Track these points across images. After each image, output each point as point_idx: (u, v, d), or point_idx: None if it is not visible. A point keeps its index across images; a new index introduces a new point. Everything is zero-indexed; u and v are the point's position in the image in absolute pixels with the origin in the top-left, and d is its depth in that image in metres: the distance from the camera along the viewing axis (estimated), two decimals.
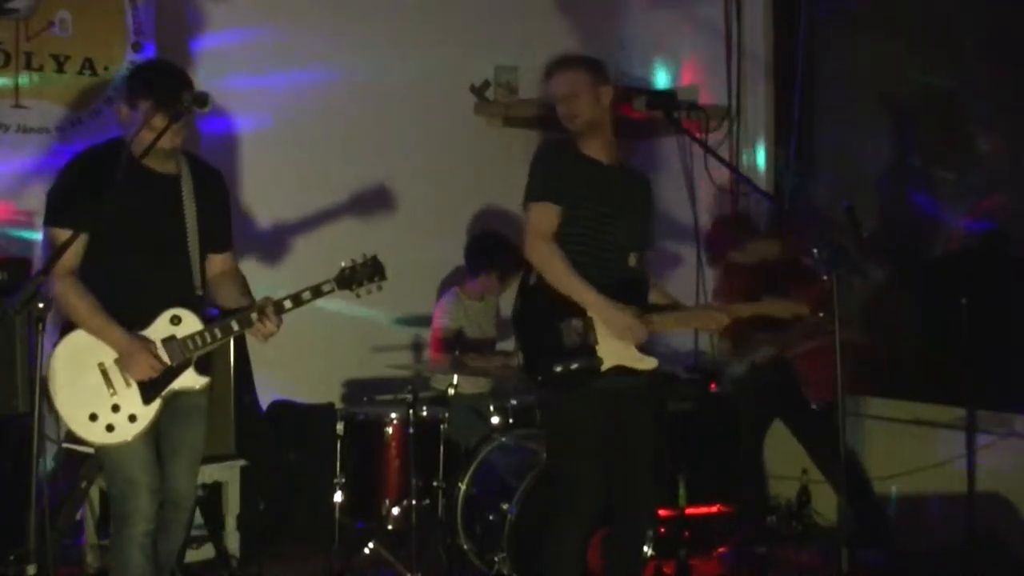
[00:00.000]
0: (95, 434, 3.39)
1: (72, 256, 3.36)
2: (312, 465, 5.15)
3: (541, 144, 3.92)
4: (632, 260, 3.84)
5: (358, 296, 3.63)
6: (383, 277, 3.65)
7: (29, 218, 4.93)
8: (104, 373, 3.39)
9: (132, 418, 3.40)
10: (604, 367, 3.69)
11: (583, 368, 3.67)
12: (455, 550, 4.75)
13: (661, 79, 6.39)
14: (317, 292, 3.55)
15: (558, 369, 3.66)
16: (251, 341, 4.87)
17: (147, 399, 3.42)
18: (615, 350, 3.70)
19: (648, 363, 3.77)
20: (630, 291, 3.78)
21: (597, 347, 3.69)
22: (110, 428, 3.38)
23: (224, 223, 3.71)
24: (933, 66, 5.52)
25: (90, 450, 3.52)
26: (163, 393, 3.44)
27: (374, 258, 3.65)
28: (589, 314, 3.69)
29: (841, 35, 5.91)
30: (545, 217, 3.72)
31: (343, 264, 3.61)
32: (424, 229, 6.02)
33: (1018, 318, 5.10)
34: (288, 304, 3.52)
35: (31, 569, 3.10)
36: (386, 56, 6.05)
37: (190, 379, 3.49)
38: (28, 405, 4.33)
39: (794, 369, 5.05)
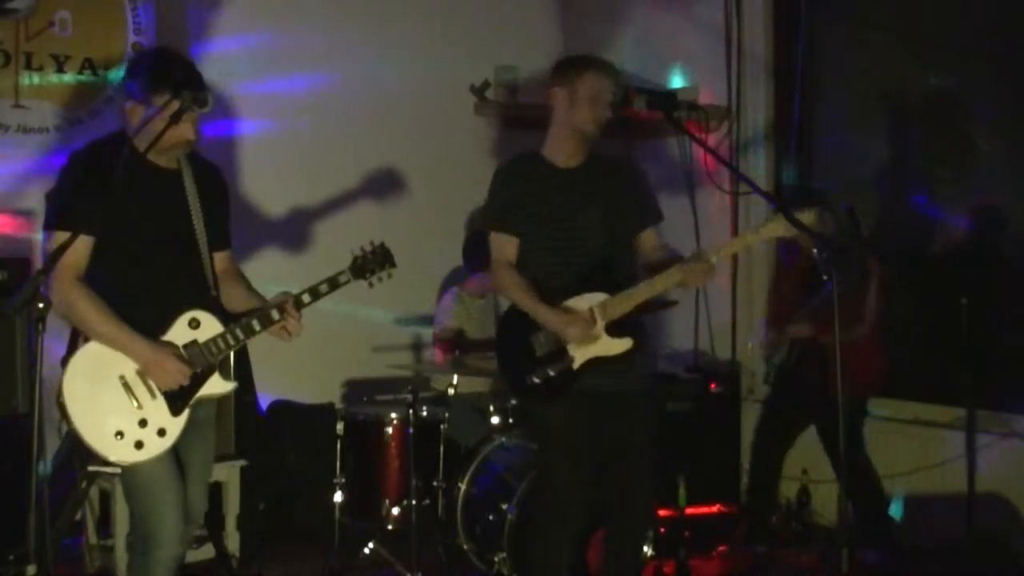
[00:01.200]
0: (123, 453, 3.16)
1: (78, 261, 3.16)
2: (312, 465, 5.15)
3: (499, 166, 4.04)
4: (610, 249, 3.84)
5: (371, 285, 3.56)
6: (393, 264, 3.59)
7: (29, 218, 4.93)
8: (126, 386, 3.18)
9: (162, 432, 3.20)
10: (577, 364, 3.73)
11: (559, 371, 3.74)
12: (455, 550, 4.75)
13: (662, 79, 6.39)
14: (334, 284, 3.46)
15: (535, 380, 3.76)
16: (252, 341, 4.88)
17: (175, 410, 3.22)
18: (585, 344, 3.73)
19: (621, 345, 3.74)
20: (597, 280, 3.78)
21: (568, 347, 3.74)
22: (139, 445, 3.17)
23: (224, 220, 3.55)
24: (933, 66, 5.53)
25: (117, 471, 3.30)
26: (190, 402, 3.26)
27: (382, 245, 3.58)
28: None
29: (841, 35, 5.91)
30: (503, 246, 3.90)
31: (355, 254, 3.53)
32: (424, 229, 6.02)
33: (1018, 318, 5.10)
34: (307, 299, 3.41)
35: (31, 569, 3.05)
36: (386, 56, 6.05)
37: (217, 385, 3.31)
38: (28, 406, 4.32)
39: (829, 363, 4.89)
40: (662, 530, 4.76)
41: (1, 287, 4.44)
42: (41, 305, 2.96)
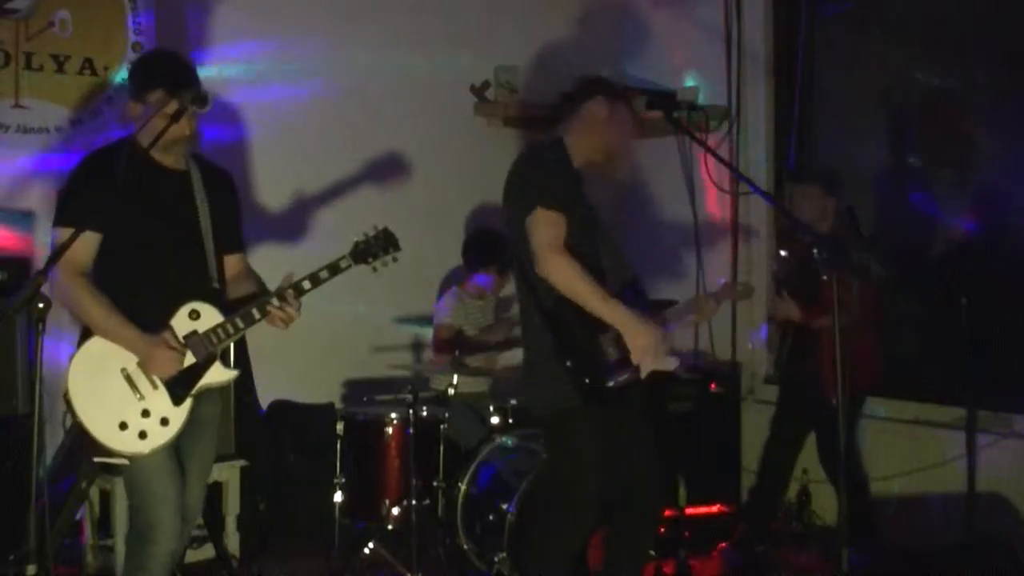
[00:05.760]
0: (127, 444, 3.23)
1: (83, 256, 3.25)
2: (312, 465, 5.15)
3: (531, 148, 3.79)
4: (628, 271, 3.78)
5: (375, 270, 3.50)
6: (397, 248, 3.52)
7: (29, 218, 4.93)
8: (128, 378, 3.25)
9: (164, 421, 3.26)
10: (644, 374, 3.53)
11: (627, 380, 3.52)
12: (455, 550, 4.76)
13: (662, 79, 6.39)
14: (335, 269, 3.43)
15: (611, 384, 3.51)
16: (252, 340, 4.89)
17: (177, 400, 3.28)
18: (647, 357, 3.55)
19: (672, 363, 3.59)
20: (637, 298, 3.70)
21: (632, 356, 3.52)
22: (143, 435, 3.23)
23: (235, 223, 3.62)
24: (933, 66, 5.53)
25: (124, 462, 3.33)
26: (192, 392, 3.31)
27: (386, 229, 3.52)
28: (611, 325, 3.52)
29: (841, 35, 5.91)
30: (555, 227, 3.49)
31: (356, 239, 3.49)
32: (424, 229, 6.00)
33: (1018, 318, 5.10)
34: (307, 285, 3.40)
35: (31, 569, 3.06)
36: (386, 56, 6.05)
37: (219, 373, 3.36)
38: (28, 405, 4.33)
39: (820, 361, 4.79)
40: (662, 530, 4.76)
41: (1, 287, 4.45)
42: (41, 305, 3.00)
